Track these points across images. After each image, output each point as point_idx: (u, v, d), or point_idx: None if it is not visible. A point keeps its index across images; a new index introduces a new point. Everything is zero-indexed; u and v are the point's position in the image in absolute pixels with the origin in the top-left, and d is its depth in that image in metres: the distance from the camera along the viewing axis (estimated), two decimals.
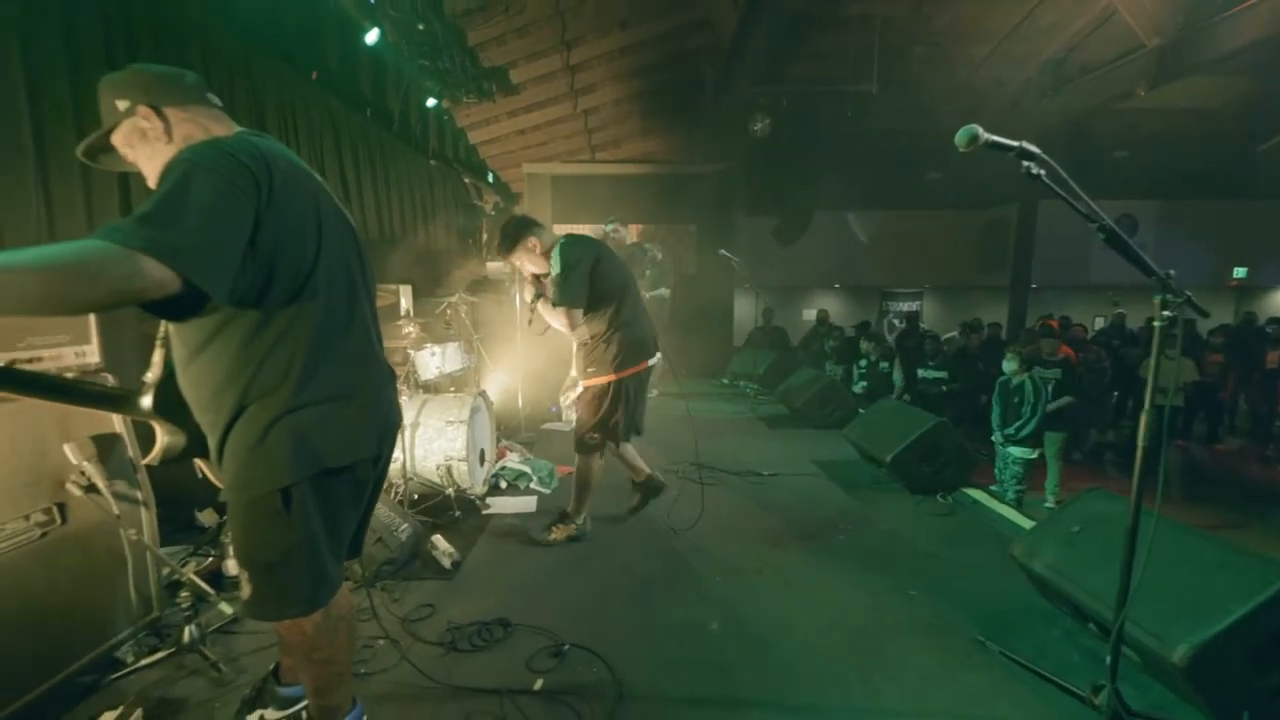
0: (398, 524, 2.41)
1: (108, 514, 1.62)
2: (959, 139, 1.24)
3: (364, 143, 4.97)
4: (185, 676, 1.72)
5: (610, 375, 2.59)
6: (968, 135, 1.23)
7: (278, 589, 1.17)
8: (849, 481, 3.57)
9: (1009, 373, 4.50)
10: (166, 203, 0.91)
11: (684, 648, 1.92)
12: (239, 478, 1.11)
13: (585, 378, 2.65)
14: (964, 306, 12.08)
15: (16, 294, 0.79)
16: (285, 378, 1.10)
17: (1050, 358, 4.95)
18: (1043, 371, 4.83)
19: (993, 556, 2.54)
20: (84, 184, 2.54)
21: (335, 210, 1.22)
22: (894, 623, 2.07)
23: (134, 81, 1.13)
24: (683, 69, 6.67)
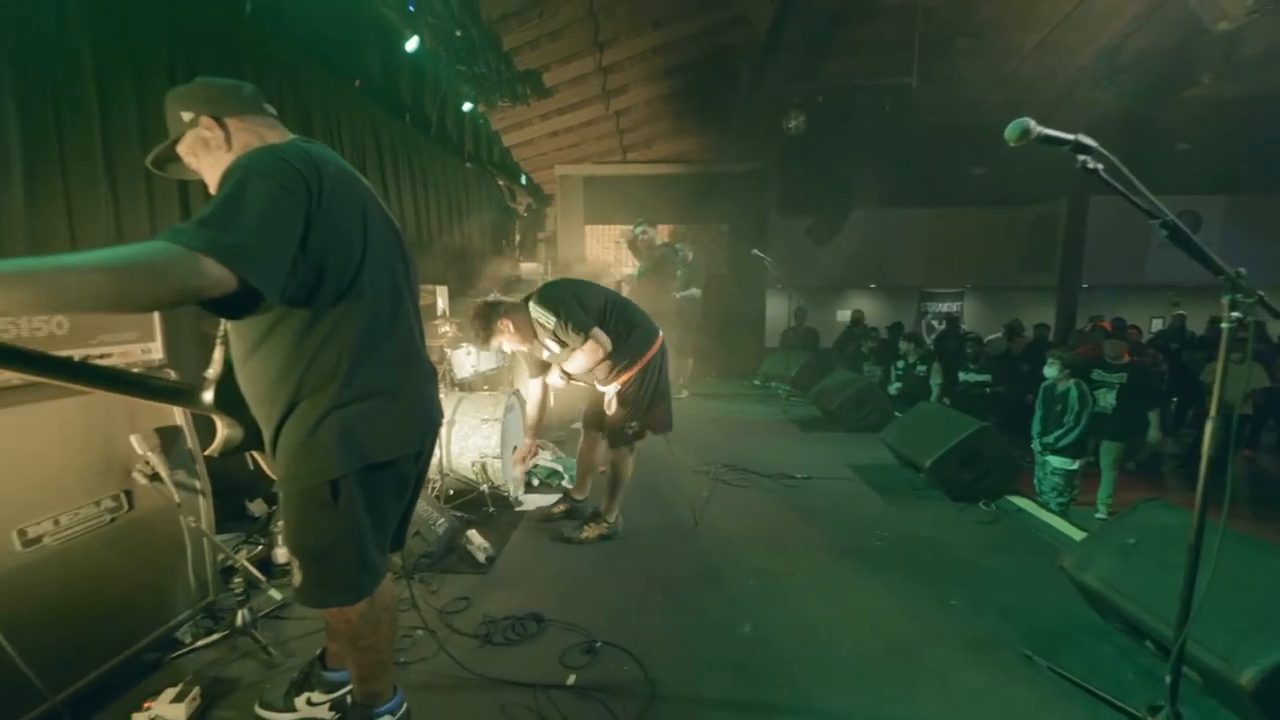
0: (435, 518, 2.48)
1: (169, 501, 1.72)
2: (1010, 133, 1.19)
3: (403, 148, 5.12)
4: (238, 658, 1.81)
5: (639, 363, 2.63)
6: (1019, 129, 1.18)
7: (326, 577, 1.22)
8: (885, 486, 3.49)
9: (1051, 378, 4.28)
10: (225, 206, 0.96)
11: (716, 649, 1.91)
12: (291, 470, 1.16)
13: (615, 380, 2.66)
14: (1007, 307, 11.63)
15: (93, 292, 0.84)
16: (333, 375, 1.14)
17: (1114, 360, 4.68)
18: (1106, 375, 4.58)
19: (1040, 568, 2.44)
20: (148, 189, 2.69)
21: (381, 213, 1.26)
22: (935, 633, 2.01)
23: (198, 94, 1.20)
24: (716, 67, 6.61)
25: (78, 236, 2.40)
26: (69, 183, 2.36)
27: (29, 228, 2.23)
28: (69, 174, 2.37)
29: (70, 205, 2.37)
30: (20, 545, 1.40)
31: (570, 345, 2.49)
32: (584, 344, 2.44)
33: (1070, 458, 4.20)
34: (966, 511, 3.11)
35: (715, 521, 2.97)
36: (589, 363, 2.51)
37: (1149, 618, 1.73)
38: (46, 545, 1.45)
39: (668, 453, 4.20)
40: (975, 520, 3.01)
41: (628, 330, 2.62)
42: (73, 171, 2.38)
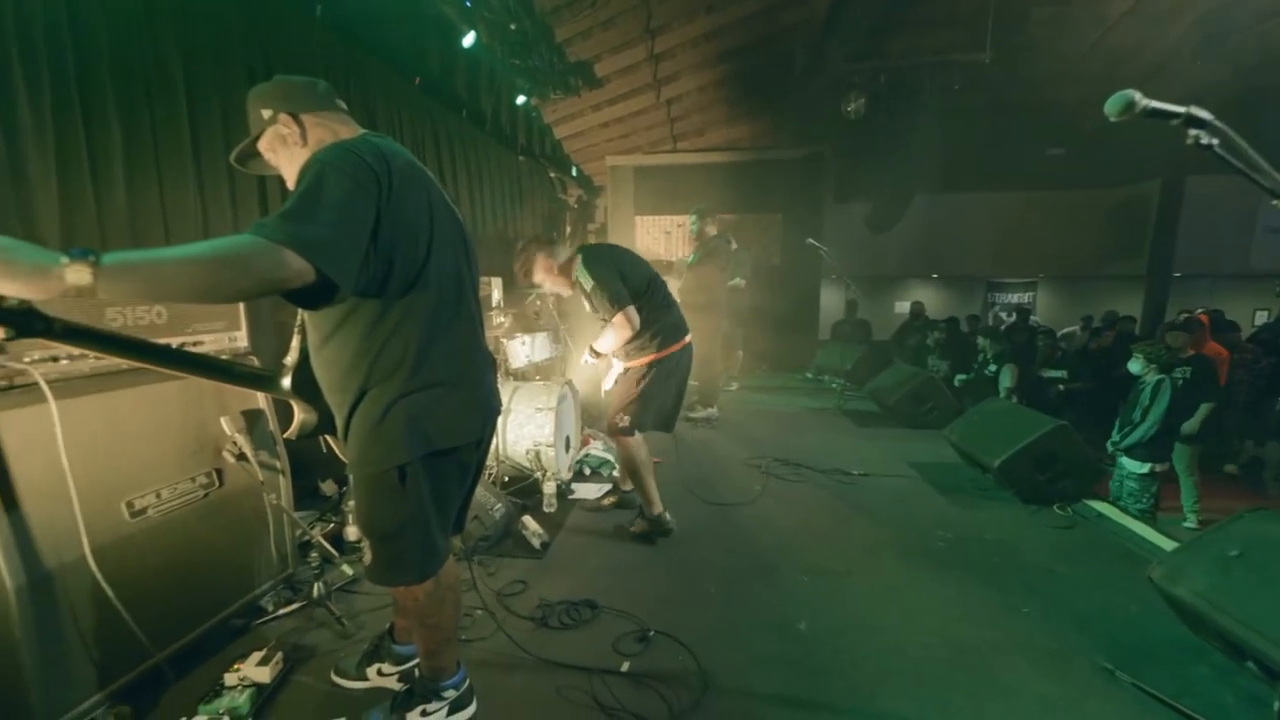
0: (493, 503, 2.55)
1: (254, 480, 1.84)
2: (1111, 107, 1.08)
3: (460, 142, 5.26)
4: (314, 627, 1.93)
5: (652, 354, 2.58)
6: (1123, 102, 1.07)
7: (394, 557, 1.27)
8: (948, 486, 3.33)
9: (1137, 373, 3.90)
10: (304, 201, 1.01)
11: (771, 645, 1.88)
12: (361, 455, 1.21)
13: (628, 360, 2.64)
14: (1085, 298, 10.84)
15: (187, 284, 0.90)
16: (400, 364, 1.18)
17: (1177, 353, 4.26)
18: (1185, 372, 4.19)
19: (1123, 577, 2.28)
20: (230, 185, 2.89)
21: (446, 206, 1.29)
22: (1005, 641, 1.91)
23: (276, 92, 1.26)
24: (771, 50, 6.42)
25: (170, 230, 2.60)
26: (163, 180, 2.56)
27: (130, 222, 2.43)
28: (163, 173, 2.57)
29: (164, 201, 2.58)
30: (128, 515, 1.54)
31: (599, 314, 2.46)
32: (613, 318, 2.39)
33: (1141, 460, 3.78)
34: (1039, 515, 2.92)
35: (767, 516, 2.92)
36: (617, 341, 2.46)
37: (1254, 637, 1.58)
38: (150, 517, 1.58)
39: (718, 444, 4.18)
40: (1049, 524, 2.83)
41: (659, 317, 2.58)
42: (166, 170, 2.58)
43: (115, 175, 2.37)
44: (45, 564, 1.34)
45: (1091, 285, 11.11)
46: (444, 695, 1.44)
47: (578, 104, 6.77)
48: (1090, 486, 3.16)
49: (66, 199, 2.19)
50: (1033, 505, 3.00)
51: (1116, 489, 4.10)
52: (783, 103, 7.12)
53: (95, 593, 1.41)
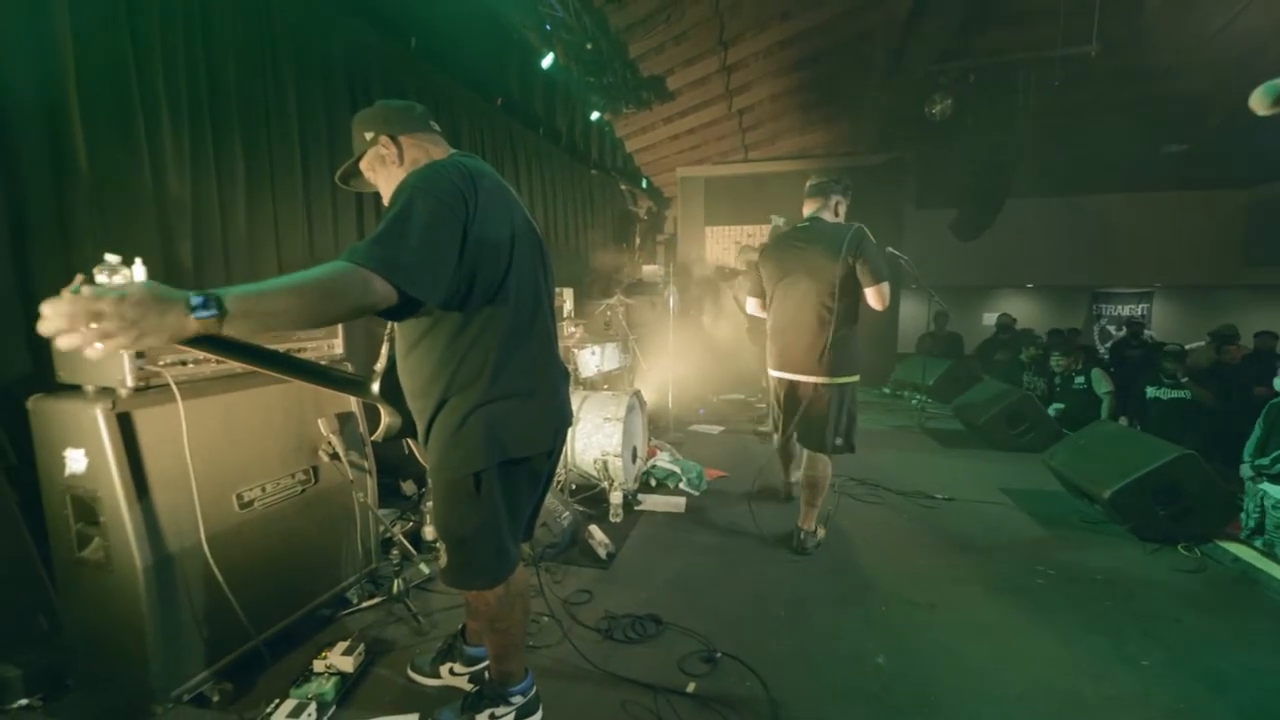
0: (560, 511, 2.59)
1: (344, 478, 1.97)
2: (1259, 99, 0.96)
3: (536, 159, 5.47)
4: (393, 622, 2.02)
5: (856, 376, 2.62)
6: (1273, 93, 0.94)
7: (468, 561, 1.31)
8: (1049, 516, 3.03)
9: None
10: (394, 226, 1.06)
11: (845, 677, 1.77)
12: (441, 460, 1.26)
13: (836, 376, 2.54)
14: (1211, 309, 9.62)
15: (296, 316, 0.97)
16: (480, 374, 1.22)
17: None
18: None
19: (1265, 631, 1.98)
20: (332, 201, 3.14)
21: (526, 221, 1.33)
22: (1120, 696, 1.69)
23: (378, 115, 1.35)
24: (847, 55, 6.22)
25: (281, 241, 2.87)
26: (275, 198, 2.83)
27: (248, 234, 2.70)
28: (276, 191, 2.83)
29: (276, 216, 2.84)
30: (238, 507, 1.68)
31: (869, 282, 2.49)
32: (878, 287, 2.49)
33: None
34: (1160, 555, 2.59)
35: (842, 539, 2.77)
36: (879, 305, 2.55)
37: None
38: (255, 509, 1.73)
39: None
40: (1172, 566, 2.50)
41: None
42: (279, 189, 2.84)
43: (238, 194, 2.64)
44: (169, 548, 1.49)
45: (1217, 295, 9.85)
46: (512, 700, 1.46)
47: (649, 117, 6.87)
48: (1224, 526, 2.77)
49: (198, 216, 2.47)
50: (1152, 544, 2.67)
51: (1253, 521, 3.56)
52: (860, 108, 6.88)
53: (208, 577, 1.55)
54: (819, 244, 2.58)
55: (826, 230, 2.62)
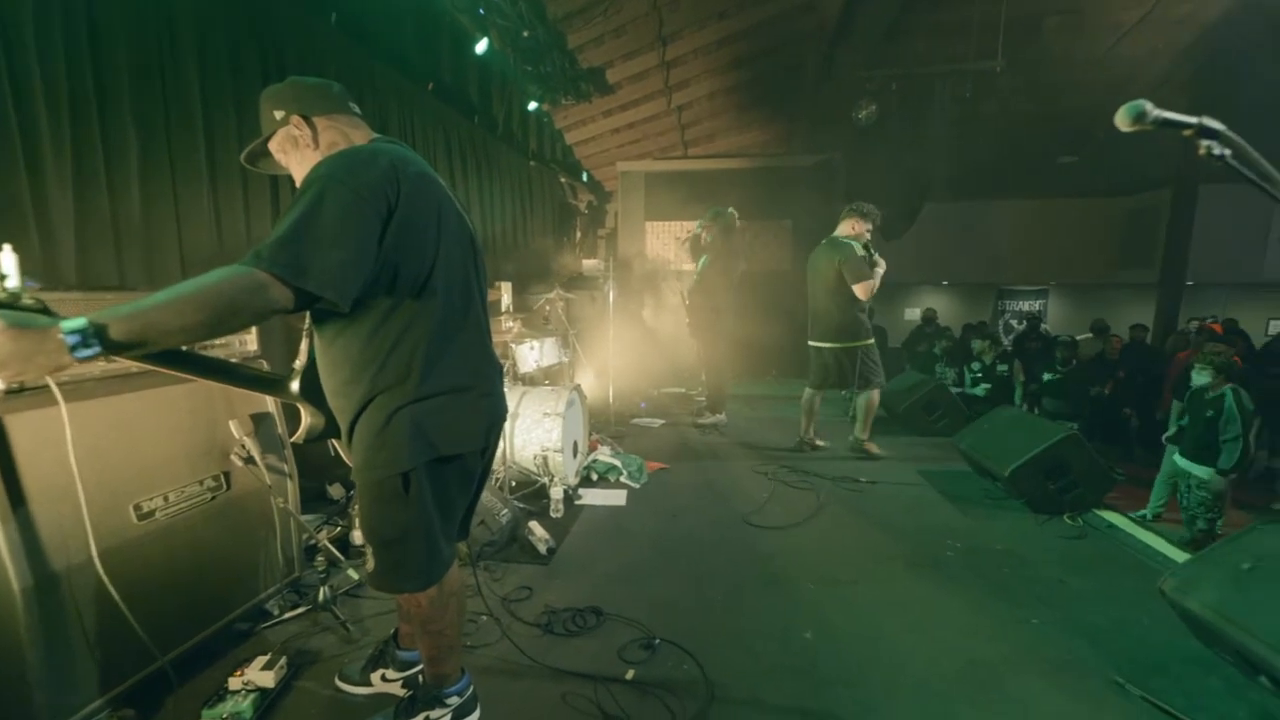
0: (499, 508, 2.55)
1: (261, 483, 1.85)
2: (1123, 117, 1.07)
3: (471, 148, 5.30)
4: (319, 632, 1.93)
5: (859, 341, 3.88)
6: (1134, 112, 1.06)
7: (397, 563, 1.27)
8: (958, 494, 3.29)
9: (1204, 384, 3.78)
10: (300, 224, 1.01)
11: (777, 655, 1.86)
12: (366, 460, 1.21)
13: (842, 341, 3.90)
14: (1096, 306, 10.72)
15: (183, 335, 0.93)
16: (408, 371, 1.18)
17: None
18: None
19: (1134, 589, 2.24)
20: (243, 185, 2.92)
21: (455, 213, 1.29)
22: (1015, 654, 1.88)
23: (289, 93, 1.26)
24: (782, 57, 6.43)
25: (184, 232, 2.64)
26: (176, 181, 2.60)
27: (144, 224, 2.46)
28: (177, 174, 2.60)
29: (178, 202, 2.61)
30: (136, 518, 1.54)
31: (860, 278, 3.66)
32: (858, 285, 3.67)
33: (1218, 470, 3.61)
34: (1049, 525, 2.88)
35: (775, 524, 2.90)
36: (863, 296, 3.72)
37: (1267, 651, 1.55)
38: (157, 519, 1.59)
39: (725, 450, 4.16)
40: (1059, 534, 2.79)
41: None
42: (180, 171, 2.61)
43: (130, 176, 2.40)
44: (52, 566, 1.35)
45: (1103, 293, 11.00)
46: (447, 702, 1.43)
47: (589, 110, 6.81)
48: (1102, 496, 3.11)
49: (82, 200, 2.23)
50: (1043, 515, 2.96)
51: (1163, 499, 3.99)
52: (794, 110, 7.13)
53: (101, 595, 1.41)
54: (825, 254, 3.84)
55: (835, 243, 3.84)
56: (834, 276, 3.75)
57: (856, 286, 3.67)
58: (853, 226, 3.84)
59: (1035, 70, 6.53)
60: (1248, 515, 4.23)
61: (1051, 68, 6.62)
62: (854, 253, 3.70)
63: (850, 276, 3.67)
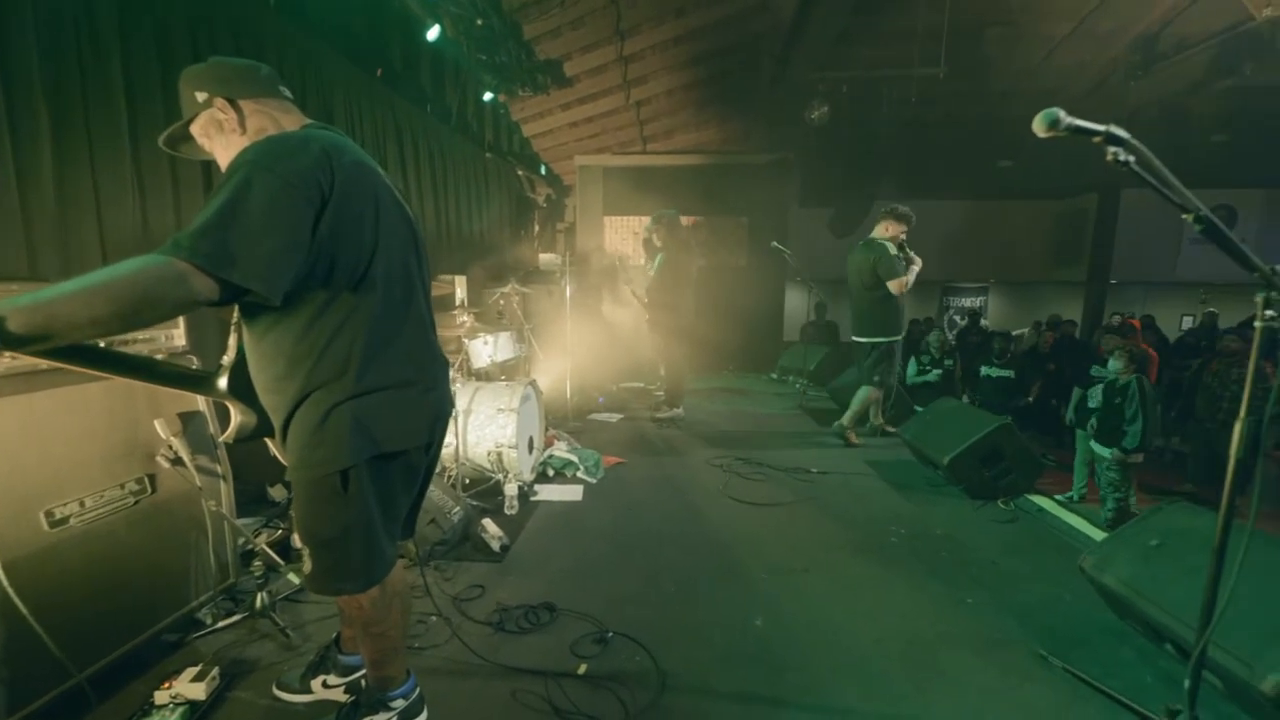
0: (450, 506, 2.50)
1: (191, 485, 1.75)
2: (1039, 123, 1.15)
3: (424, 138, 5.14)
4: (257, 639, 1.84)
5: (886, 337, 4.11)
6: (1049, 119, 1.14)
7: (336, 564, 1.23)
8: (903, 483, 3.44)
9: (1114, 371, 4.13)
10: (223, 212, 0.96)
11: (729, 642, 1.90)
12: (301, 459, 1.17)
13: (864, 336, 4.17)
14: (1033, 302, 11.38)
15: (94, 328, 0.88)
16: (346, 367, 1.15)
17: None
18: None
19: (1059, 568, 2.39)
20: (171, 171, 2.74)
21: (395, 204, 1.26)
22: (951, 632, 1.98)
23: (212, 74, 1.20)
24: (739, 56, 6.51)
25: (105, 222, 2.46)
26: (96, 167, 2.42)
27: (57, 205, 2.28)
28: (96, 159, 2.42)
29: (97, 188, 2.43)
30: (47, 526, 1.44)
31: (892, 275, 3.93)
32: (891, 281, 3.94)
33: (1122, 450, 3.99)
34: (985, 510, 3.05)
35: (729, 515, 2.95)
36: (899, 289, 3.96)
37: (1170, 621, 1.69)
38: (72, 526, 1.49)
39: (682, 444, 4.21)
40: (993, 519, 2.95)
41: None
42: (101, 151, 2.43)
43: (41, 157, 2.22)
44: None
45: (1039, 290, 11.67)
46: (392, 705, 1.40)
47: (546, 102, 6.72)
48: (1033, 481, 3.31)
49: None
50: (979, 500, 3.13)
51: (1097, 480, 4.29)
52: (750, 108, 7.23)
53: (7, 609, 1.31)
54: (862, 254, 4.10)
55: (870, 244, 4.10)
56: (869, 275, 4.02)
57: (891, 283, 3.93)
58: (886, 228, 4.09)
59: (976, 77, 6.84)
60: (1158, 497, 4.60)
61: (991, 75, 6.95)
62: (887, 252, 3.98)
63: (884, 274, 3.94)
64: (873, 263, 3.99)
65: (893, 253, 4.01)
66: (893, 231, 4.08)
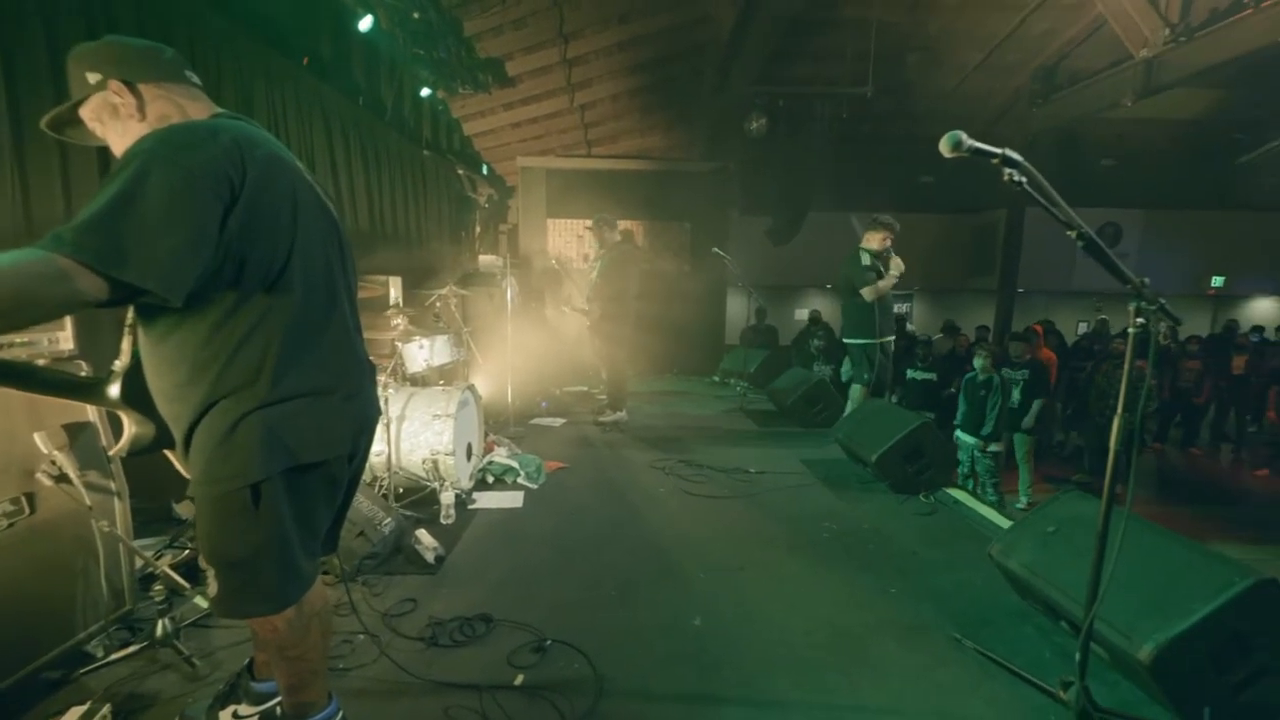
0: (381, 517, 2.39)
1: (79, 504, 1.59)
2: (944, 144, 1.25)
3: (355, 131, 4.90)
4: (157, 671, 1.69)
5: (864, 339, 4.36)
6: (952, 141, 1.24)
7: (247, 586, 1.15)
8: (835, 480, 3.60)
9: (979, 369, 4.62)
10: (113, 206, 0.89)
11: (667, 644, 1.92)
12: (206, 472, 1.08)
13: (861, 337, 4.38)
14: (953, 309, 12.19)
15: None
16: (259, 373, 1.08)
17: (1018, 360, 5.07)
18: (1012, 373, 4.93)
19: (971, 555, 2.57)
20: (61, 157, 2.48)
21: (315, 200, 1.19)
22: (876, 621, 2.09)
23: (107, 54, 1.10)
24: (682, 66, 6.64)
25: None
26: None
27: None
28: None
29: None
30: None
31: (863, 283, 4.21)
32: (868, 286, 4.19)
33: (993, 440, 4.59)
34: (908, 503, 3.24)
35: (670, 516, 2.98)
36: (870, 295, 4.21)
37: (1064, 599, 1.85)
38: None
39: (625, 447, 4.22)
40: (915, 512, 3.14)
41: None
42: None
43: None
44: None
45: (958, 298, 12.54)
46: None
47: (488, 101, 6.59)
48: (950, 475, 3.55)
49: None
50: (902, 495, 3.32)
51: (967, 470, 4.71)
52: (693, 117, 7.39)
53: None
54: (843, 263, 4.41)
55: (851, 253, 4.37)
56: (845, 281, 4.36)
57: (862, 290, 4.22)
58: (870, 238, 4.35)
59: (899, 98, 7.30)
60: (1057, 487, 5.05)
61: (912, 97, 7.44)
62: (859, 262, 4.27)
63: (856, 282, 4.24)
64: (847, 272, 4.32)
65: (864, 263, 4.27)
66: (876, 240, 4.31)
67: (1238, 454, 7.48)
